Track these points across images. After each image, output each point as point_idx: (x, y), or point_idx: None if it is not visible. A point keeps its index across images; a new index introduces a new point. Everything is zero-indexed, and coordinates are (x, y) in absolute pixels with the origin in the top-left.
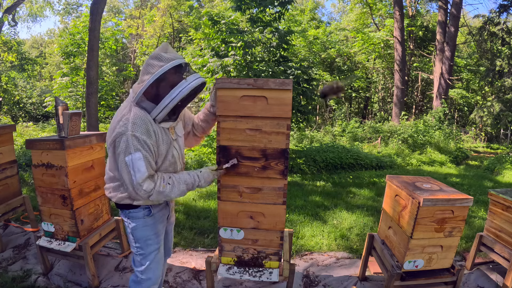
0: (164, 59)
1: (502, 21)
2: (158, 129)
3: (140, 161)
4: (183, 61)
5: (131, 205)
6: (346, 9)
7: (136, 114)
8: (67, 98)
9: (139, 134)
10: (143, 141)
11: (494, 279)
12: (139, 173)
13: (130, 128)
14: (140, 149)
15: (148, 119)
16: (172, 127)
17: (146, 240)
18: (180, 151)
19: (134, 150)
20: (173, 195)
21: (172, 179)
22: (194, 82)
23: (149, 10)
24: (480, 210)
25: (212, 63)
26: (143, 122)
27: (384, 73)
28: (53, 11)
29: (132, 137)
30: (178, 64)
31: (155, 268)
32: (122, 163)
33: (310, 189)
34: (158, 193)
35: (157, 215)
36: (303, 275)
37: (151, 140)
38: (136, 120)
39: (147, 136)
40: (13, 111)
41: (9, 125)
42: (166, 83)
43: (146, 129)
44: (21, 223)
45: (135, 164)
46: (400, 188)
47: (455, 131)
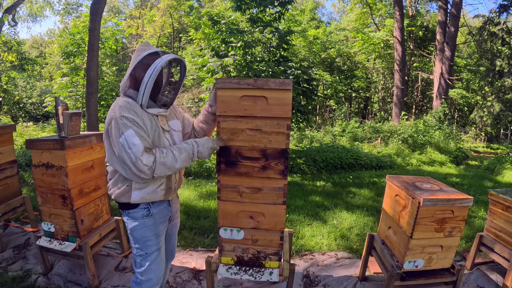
0: (142, 50)
1: (502, 21)
2: (145, 115)
3: (133, 137)
4: (156, 49)
5: (130, 204)
6: (346, 9)
7: (123, 101)
8: (67, 98)
9: (127, 113)
10: (131, 119)
11: (494, 279)
12: (134, 147)
13: (117, 111)
14: (130, 126)
15: (135, 104)
16: (163, 116)
17: (146, 241)
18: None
19: (125, 128)
20: (177, 165)
21: (171, 149)
22: (166, 56)
23: (149, 10)
24: (480, 210)
25: (212, 63)
26: (130, 105)
27: (384, 73)
28: (53, 11)
29: (120, 118)
30: (153, 51)
31: (155, 269)
32: (118, 146)
33: (310, 189)
34: (160, 165)
35: (157, 215)
36: (303, 275)
37: (139, 119)
38: (124, 104)
39: (135, 116)
40: (13, 111)
41: (9, 125)
42: (143, 67)
43: (133, 111)
44: (21, 223)
45: (129, 141)
46: (400, 188)
47: (455, 131)
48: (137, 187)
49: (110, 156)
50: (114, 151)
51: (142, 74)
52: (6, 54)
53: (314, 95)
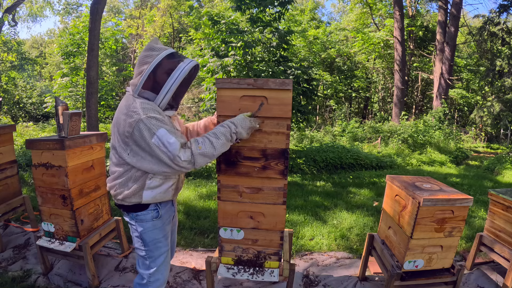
0: (158, 49)
1: (502, 21)
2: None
3: (166, 135)
4: (173, 50)
5: (139, 207)
6: (346, 9)
7: (142, 102)
8: (67, 98)
9: (153, 114)
10: (159, 118)
11: (494, 279)
12: (170, 145)
13: (142, 113)
14: (161, 125)
15: (155, 105)
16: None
17: (156, 243)
18: None
19: (156, 128)
20: (216, 152)
21: (207, 136)
22: (191, 63)
23: (149, 10)
24: (480, 210)
25: (212, 63)
26: (152, 106)
27: (384, 73)
28: (53, 11)
29: (148, 119)
30: (171, 52)
31: (163, 269)
32: (153, 147)
33: (310, 189)
34: (199, 156)
35: (165, 216)
36: (303, 275)
37: (164, 117)
38: (144, 105)
39: (160, 115)
40: (13, 111)
41: (9, 125)
42: (164, 70)
43: (157, 111)
44: (21, 223)
45: (164, 140)
46: (400, 188)
47: (455, 131)
48: (150, 187)
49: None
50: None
51: (164, 77)
52: (6, 54)
53: (314, 95)
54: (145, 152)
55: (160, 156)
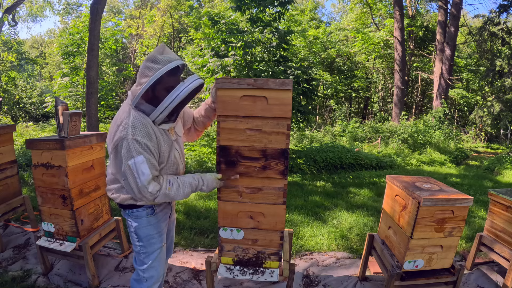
0: (161, 62)
1: (502, 21)
2: (158, 131)
3: (143, 164)
4: (180, 63)
5: (135, 204)
6: (346, 9)
7: (136, 118)
8: (67, 98)
9: (140, 137)
10: (144, 144)
11: (494, 279)
12: (143, 176)
13: (130, 132)
14: (142, 152)
15: (147, 121)
16: (172, 127)
17: (150, 239)
18: (181, 151)
19: (136, 153)
20: (178, 197)
21: (178, 181)
22: (192, 84)
23: (149, 10)
24: (480, 210)
25: (212, 63)
26: (143, 125)
27: (384, 73)
28: (53, 11)
29: (133, 141)
30: (175, 66)
31: (157, 266)
32: (125, 167)
33: (310, 189)
34: (164, 196)
35: (160, 214)
36: (303, 275)
37: (152, 142)
38: (136, 124)
39: (148, 139)
40: (13, 111)
41: (9, 125)
42: (164, 86)
43: (146, 132)
44: (21, 223)
45: (139, 167)
46: (400, 188)
47: (455, 131)
48: None
49: (114, 167)
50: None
51: (163, 94)
52: (6, 54)
53: (314, 95)
54: (119, 168)
55: (129, 179)
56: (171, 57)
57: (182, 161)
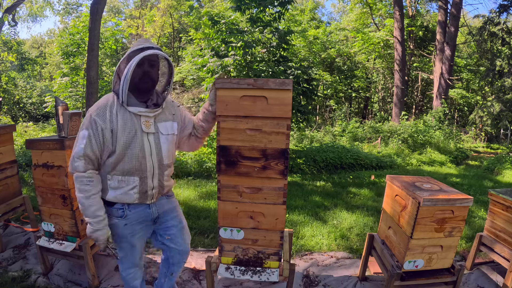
0: (134, 45)
1: (502, 21)
2: (122, 115)
3: (83, 139)
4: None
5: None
6: (346, 9)
7: (103, 99)
8: (67, 98)
9: (94, 114)
10: (93, 121)
11: (494, 279)
12: (77, 148)
13: (94, 109)
14: (88, 128)
15: (111, 102)
16: (150, 118)
17: (121, 238)
18: (156, 148)
19: (85, 127)
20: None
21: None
22: (145, 53)
23: (149, 10)
24: (480, 210)
25: (212, 63)
26: (104, 106)
27: (384, 73)
28: (53, 11)
29: (88, 115)
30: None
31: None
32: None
33: (310, 189)
34: (76, 179)
35: (133, 217)
36: (303, 275)
37: (104, 123)
38: (99, 102)
39: (101, 120)
40: (13, 111)
41: (9, 125)
42: (126, 63)
43: (103, 111)
44: (21, 223)
45: (79, 139)
46: (400, 188)
47: (455, 131)
48: (112, 187)
49: None
50: None
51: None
52: (6, 54)
53: (314, 95)
54: None
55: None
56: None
57: (156, 160)
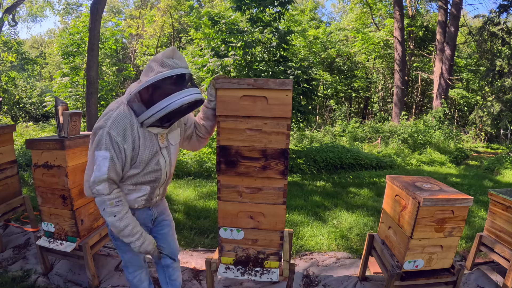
0: (166, 65)
1: (502, 21)
2: (142, 133)
3: (105, 160)
4: (185, 71)
5: None
6: (346, 9)
7: (121, 113)
8: (67, 98)
9: (114, 133)
10: (115, 142)
11: (494, 279)
12: (99, 172)
13: (109, 125)
14: (110, 149)
15: (131, 121)
16: (163, 134)
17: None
18: (170, 160)
19: (105, 148)
20: (108, 218)
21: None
22: (188, 97)
23: (149, 10)
24: (480, 210)
25: (212, 63)
26: (123, 123)
27: (384, 73)
28: (53, 11)
29: (107, 134)
30: (178, 74)
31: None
32: (90, 154)
33: (310, 189)
34: (102, 202)
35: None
36: (303, 275)
37: (125, 143)
38: (118, 119)
39: (122, 139)
40: (13, 111)
41: (9, 125)
42: (161, 90)
43: (123, 131)
44: (21, 223)
45: (100, 162)
46: (400, 188)
47: (455, 131)
48: None
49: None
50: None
51: (158, 98)
52: (6, 54)
53: (314, 95)
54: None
55: (88, 167)
56: (178, 63)
57: (168, 171)
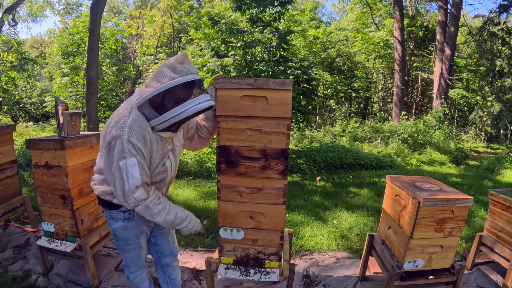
0: (178, 71)
1: (502, 21)
2: (154, 137)
3: (134, 167)
4: (196, 77)
5: (112, 205)
6: (346, 9)
7: (134, 119)
8: (67, 98)
9: (135, 140)
10: (138, 147)
11: (494, 279)
12: (132, 179)
13: (126, 133)
14: (135, 154)
15: (145, 125)
16: (171, 137)
17: (127, 240)
18: (175, 161)
19: (129, 155)
20: (157, 218)
21: (167, 204)
22: (201, 105)
23: (149, 10)
24: (480, 210)
25: (212, 63)
26: (140, 128)
27: (384, 73)
28: (53, 11)
29: (127, 142)
30: (188, 81)
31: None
32: (115, 167)
33: (310, 189)
34: (145, 208)
35: (138, 218)
36: (303, 275)
37: (146, 147)
38: (133, 125)
39: (143, 143)
40: (13, 111)
41: (9, 125)
42: (173, 97)
43: (142, 136)
44: (21, 223)
45: (129, 169)
46: (400, 188)
47: (455, 131)
48: None
49: (105, 163)
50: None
51: (171, 105)
52: (6, 54)
53: (314, 95)
54: (109, 166)
55: (117, 179)
56: (189, 69)
57: (173, 172)
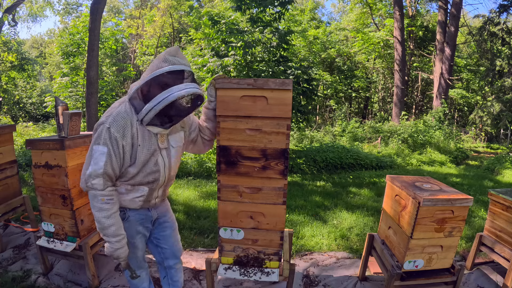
0: (167, 61)
1: (502, 21)
2: (141, 132)
3: (102, 155)
4: (185, 68)
5: None
6: (346, 9)
7: (121, 111)
8: (67, 98)
9: (114, 130)
10: (114, 138)
11: (494, 279)
12: (95, 165)
13: (109, 122)
14: (108, 144)
15: (131, 118)
16: (164, 134)
17: None
18: (169, 162)
19: (103, 143)
20: (96, 213)
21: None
22: (185, 91)
23: (149, 10)
24: (480, 210)
25: (212, 63)
26: (123, 120)
27: (384, 73)
28: (53, 11)
29: (106, 131)
30: (179, 70)
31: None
32: (89, 149)
33: (310, 189)
34: (93, 196)
35: (133, 219)
36: (303, 275)
37: (124, 140)
38: (117, 117)
39: (121, 136)
40: (13, 111)
41: (9, 125)
42: (159, 85)
43: (123, 129)
44: (21, 223)
45: (97, 156)
46: (400, 188)
47: (455, 131)
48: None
49: None
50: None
51: (156, 92)
52: (6, 54)
53: (314, 95)
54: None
55: (86, 161)
56: (179, 60)
57: (168, 173)
